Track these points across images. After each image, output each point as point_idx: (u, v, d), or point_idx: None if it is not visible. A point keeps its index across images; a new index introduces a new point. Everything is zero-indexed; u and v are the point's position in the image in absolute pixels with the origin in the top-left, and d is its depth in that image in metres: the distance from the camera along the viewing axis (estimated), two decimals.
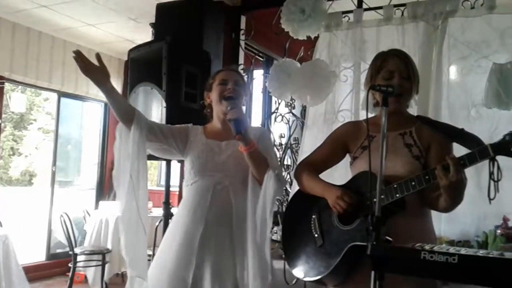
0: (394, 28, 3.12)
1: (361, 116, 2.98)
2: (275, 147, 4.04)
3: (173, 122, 2.35)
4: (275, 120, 4.04)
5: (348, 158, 2.07)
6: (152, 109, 2.74)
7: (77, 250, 5.00)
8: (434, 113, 2.85)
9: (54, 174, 6.23)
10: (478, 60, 2.86)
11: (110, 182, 4.58)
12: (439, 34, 2.95)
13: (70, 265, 4.98)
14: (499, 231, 2.56)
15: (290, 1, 3.30)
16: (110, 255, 5.14)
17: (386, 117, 1.58)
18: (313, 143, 2.89)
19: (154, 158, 2.23)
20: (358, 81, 3.17)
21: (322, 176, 2.04)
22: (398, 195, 1.68)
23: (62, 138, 6.66)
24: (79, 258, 5.07)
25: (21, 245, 6.25)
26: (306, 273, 1.91)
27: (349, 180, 1.93)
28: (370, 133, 1.85)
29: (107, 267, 5.14)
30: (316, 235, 1.92)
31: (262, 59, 4.62)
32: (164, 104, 2.65)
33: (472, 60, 2.88)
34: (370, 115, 1.99)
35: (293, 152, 4.00)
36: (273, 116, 4.12)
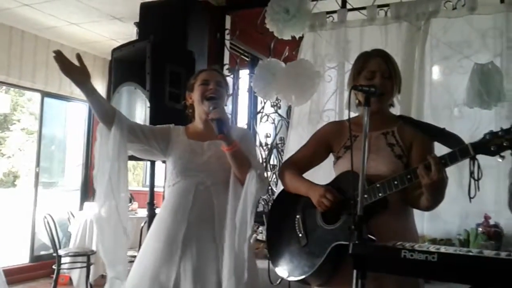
0: (377, 28, 3.15)
1: (345, 116, 2.99)
2: (261, 147, 4.06)
3: (157, 122, 2.34)
4: (261, 120, 4.04)
5: (332, 157, 2.08)
6: (136, 109, 2.73)
7: (61, 252, 4.94)
8: (416, 112, 2.88)
9: (37, 175, 6.15)
10: (460, 60, 2.90)
11: None
12: (422, 35, 2.99)
13: (54, 267, 4.92)
14: (481, 229, 2.60)
15: (275, 1, 3.31)
16: (95, 257, 5.09)
17: (368, 117, 1.59)
18: (298, 143, 2.89)
19: (136, 158, 2.22)
20: (342, 81, 3.20)
21: (307, 175, 2.04)
22: (380, 194, 1.69)
23: (46, 138, 6.58)
24: (64, 260, 5.02)
25: (4, 247, 6.18)
26: (290, 272, 1.91)
27: (332, 179, 1.94)
28: (353, 132, 1.86)
29: (92, 269, 5.09)
30: (300, 235, 1.92)
31: (247, 59, 4.62)
32: (148, 104, 2.64)
33: (454, 60, 2.92)
34: (354, 115, 2.00)
35: (279, 152, 4.01)
36: (258, 116, 4.12)
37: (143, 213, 4.74)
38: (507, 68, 2.83)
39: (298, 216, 1.96)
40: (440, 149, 1.70)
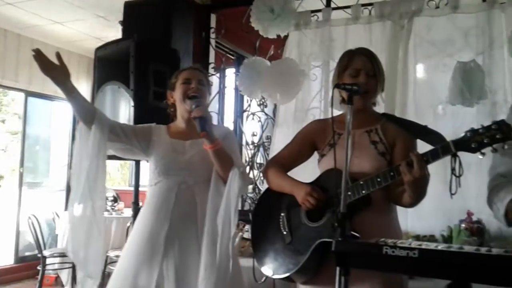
0: (361, 27, 3.17)
1: (330, 114, 3.00)
2: (247, 146, 4.06)
3: (141, 121, 2.33)
4: (247, 118, 4.04)
5: (316, 155, 2.08)
6: (120, 108, 2.70)
7: (46, 253, 4.89)
8: (400, 110, 2.90)
9: (21, 175, 6.09)
10: (443, 58, 2.93)
11: None
12: (405, 33, 3.02)
13: (39, 268, 4.87)
14: (464, 226, 2.63)
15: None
16: None
17: (352, 115, 1.60)
18: (283, 141, 2.87)
19: (118, 158, 2.20)
20: (327, 79, 3.21)
21: (292, 174, 2.05)
22: (364, 192, 1.70)
23: (31, 138, 6.51)
24: (51, 260, 4.97)
25: None
26: (275, 270, 1.91)
27: (316, 177, 1.94)
28: (337, 130, 1.88)
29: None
30: (284, 233, 1.92)
31: (233, 58, 4.61)
32: (132, 103, 2.62)
33: (437, 58, 2.96)
34: (339, 113, 2.02)
35: (265, 150, 4.01)
36: (245, 114, 4.12)
37: (129, 212, 4.71)
38: (489, 66, 2.86)
39: (282, 214, 1.96)
40: (423, 146, 1.72)
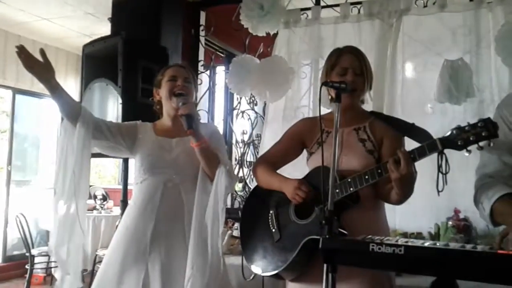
0: (350, 25, 3.18)
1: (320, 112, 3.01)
2: (237, 144, 4.06)
3: (129, 118, 2.32)
4: (237, 116, 4.04)
5: (306, 153, 2.09)
6: (108, 105, 2.69)
7: (34, 251, 4.85)
8: (389, 108, 2.92)
9: (9, 173, 6.03)
10: (431, 57, 2.95)
11: None
12: (394, 32, 3.03)
13: (27, 266, 4.84)
14: (451, 223, 2.65)
15: None
16: None
17: (340, 112, 1.61)
18: (273, 139, 2.87)
19: (103, 156, 2.19)
20: (316, 77, 3.22)
21: (281, 172, 2.05)
22: (352, 189, 1.71)
23: (19, 136, 6.45)
24: (40, 259, 4.93)
25: None
26: (264, 268, 1.91)
27: (305, 175, 1.95)
28: (325, 128, 1.89)
29: None
30: (273, 230, 1.93)
31: (222, 55, 4.60)
32: (120, 100, 2.60)
33: (425, 57, 2.97)
34: (328, 111, 2.02)
35: (255, 148, 4.01)
36: (234, 112, 4.11)
37: (118, 211, 4.69)
38: (477, 65, 2.89)
39: (271, 211, 1.96)
40: (412, 144, 1.72)
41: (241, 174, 3.93)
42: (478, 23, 2.91)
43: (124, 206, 2.87)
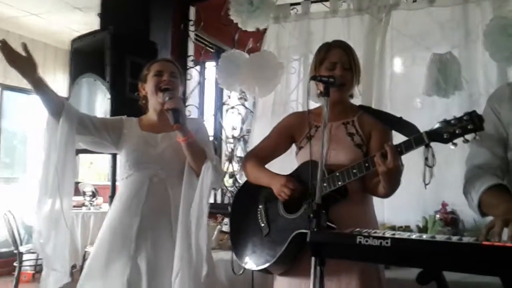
0: (340, 20, 3.19)
1: (309, 107, 3.02)
2: (227, 139, 4.05)
3: (118, 113, 2.30)
4: (227, 112, 4.03)
5: (294, 148, 2.09)
6: (96, 101, 2.67)
7: (22, 249, 4.82)
8: (377, 103, 2.93)
9: None
10: (420, 51, 2.96)
11: None
12: (383, 26, 3.04)
13: (15, 264, 4.80)
14: (438, 216, 2.67)
15: None
16: None
17: (328, 107, 1.61)
18: (262, 134, 2.86)
19: (89, 152, 2.17)
20: (306, 72, 3.22)
21: (270, 166, 2.05)
22: (340, 183, 1.71)
23: (7, 133, 6.39)
24: (28, 256, 4.89)
25: None
26: (253, 263, 1.91)
27: (294, 170, 1.95)
28: (314, 123, 1.89)
29: None
30: (262, 225, 1.93)
31: (212, 50, 4.58)
32: (108, 95, 2.59)
33: (414, 51, 2.98)
34: (317, 105, 2.03)
35: (246, 143, 4.01)
36: (224, 107, 4.11)
37: (107, 207, 4.66)
38: (465, 59, 2.90)
39: (260, 206, 1.97)
40: (399, 137, 1.73)
41: (231, 169, 3.93)
42: (466, 17, 2.93)
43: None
